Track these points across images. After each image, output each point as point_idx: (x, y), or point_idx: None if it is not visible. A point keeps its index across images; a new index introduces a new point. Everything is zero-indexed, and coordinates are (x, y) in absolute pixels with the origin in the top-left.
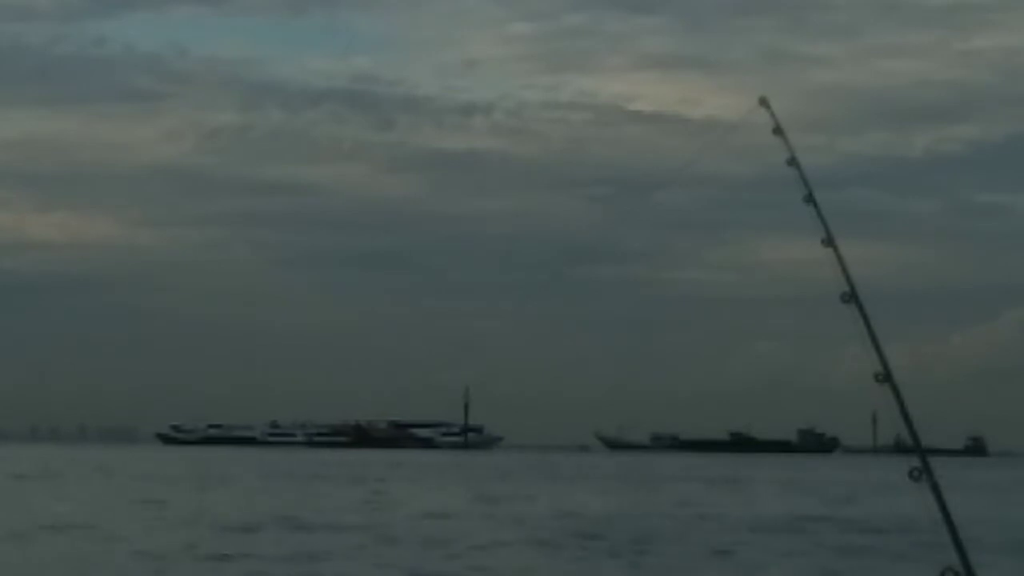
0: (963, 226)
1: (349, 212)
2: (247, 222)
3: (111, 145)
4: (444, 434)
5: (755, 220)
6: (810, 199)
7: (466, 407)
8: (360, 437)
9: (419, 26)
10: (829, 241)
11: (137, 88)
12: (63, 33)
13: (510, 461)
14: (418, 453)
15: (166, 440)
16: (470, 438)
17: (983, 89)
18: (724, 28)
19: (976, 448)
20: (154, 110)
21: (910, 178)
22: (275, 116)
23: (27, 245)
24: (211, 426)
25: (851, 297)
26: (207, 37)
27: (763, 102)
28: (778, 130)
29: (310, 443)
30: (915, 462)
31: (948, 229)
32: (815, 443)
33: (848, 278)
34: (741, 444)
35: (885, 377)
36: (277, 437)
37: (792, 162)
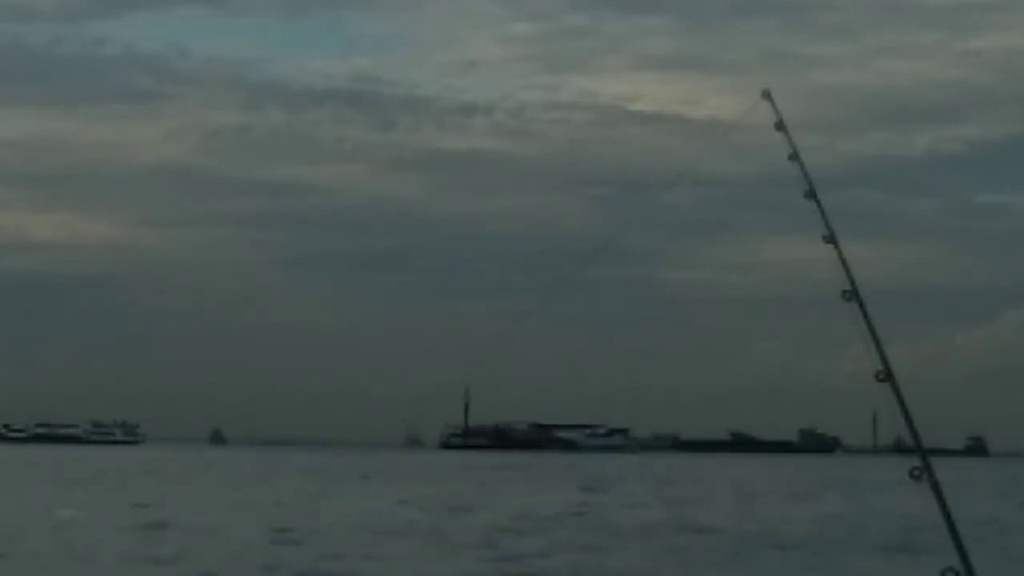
0: (963, 226)
1: (350, 212)
2: (248, 222)
3: (111, 145)
4: (589, 435)
5: (755, 220)
6: (811, 194)
7: (466, 407)
8: (500, 439)
9: (420, 27)
10: (831, 237)
11: (138, 88)
12: (64, 33)
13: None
14: (578, 457)
15: None
16: (615, 440)
17: (983, 89)
18: (724, 28)
19: (976, 448)
20: (155, 110)
21: (910, 178)
22: (276, 116)
23: (27, 245)
24: (39, 424)
25: (852, 295)
26: (208, 37)
27: (766, 95)
28: (780, 125)
29: (446, 445)
30: (916, 462)
31: (948, 229)
32: (816, 443)
33: (849, 274)
34: (742, 444)
35: (886, 376)
36: (100, 436)
37: (794, 157)
